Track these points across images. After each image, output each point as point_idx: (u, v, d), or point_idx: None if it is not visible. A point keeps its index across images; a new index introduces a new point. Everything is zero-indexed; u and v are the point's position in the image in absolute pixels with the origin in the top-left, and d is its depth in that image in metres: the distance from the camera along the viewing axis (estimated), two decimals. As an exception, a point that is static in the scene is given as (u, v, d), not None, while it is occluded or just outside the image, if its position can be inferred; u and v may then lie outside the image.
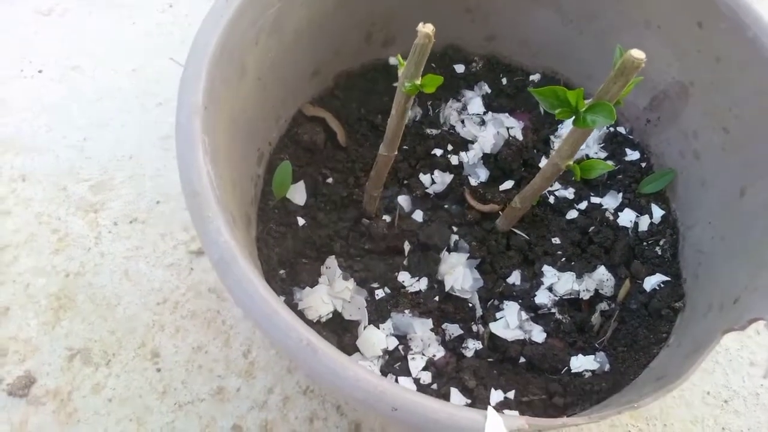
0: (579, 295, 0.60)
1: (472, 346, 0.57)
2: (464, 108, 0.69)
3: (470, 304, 0.59)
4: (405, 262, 0.61)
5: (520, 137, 0.67)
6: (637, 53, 0.41)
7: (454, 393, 0.53)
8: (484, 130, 0.67)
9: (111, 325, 0.71)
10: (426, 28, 0.42)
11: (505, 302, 0.60)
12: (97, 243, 0.76)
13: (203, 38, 0.47)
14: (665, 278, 0.60)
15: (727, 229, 0.56)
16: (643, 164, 0.66)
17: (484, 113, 0.69)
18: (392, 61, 0.70)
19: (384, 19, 0.66)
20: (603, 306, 0.60)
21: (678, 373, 0.47)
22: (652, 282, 0.60)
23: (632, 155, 0.67)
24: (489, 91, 0.70)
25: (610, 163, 0.64)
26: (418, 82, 0.45)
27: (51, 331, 0.70)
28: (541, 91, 0.45)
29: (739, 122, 0.55)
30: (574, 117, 0.45)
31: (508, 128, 0.68)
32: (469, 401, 0.52)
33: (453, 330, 0.58)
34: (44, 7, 0.94)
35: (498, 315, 0.59)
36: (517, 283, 0.60)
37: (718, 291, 0.53)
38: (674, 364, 0.50)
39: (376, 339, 0.55)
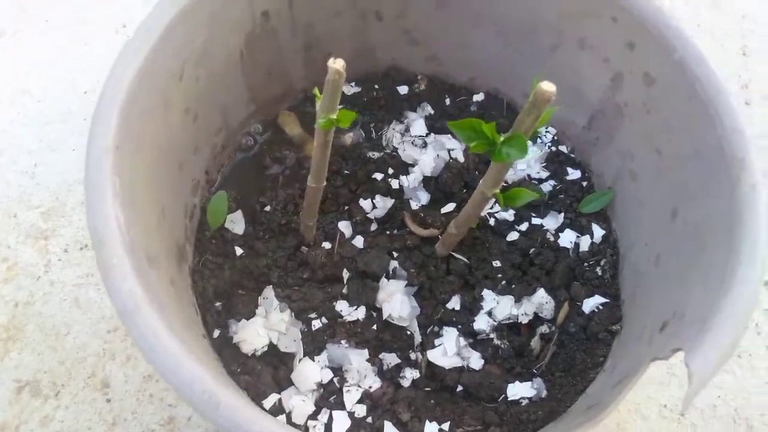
0: (518, 319, 0.59)
1: (409, 376, 0.57)
2: (407, 130, 0.69)
3: (408, 332, 0.59)
4: (344, 290, 0.60)
5: (461, 159, 0.67)
6: (547, 86, 0.40)
7: (388, 427, 0.52)
8: (425, 152, 0.66)
9: (60, 355, 0.71)
10: (336, 64, 0.42)
11: (445, 328, 0.59)
12: (47, 271, 0.75)
13: (118, 71, 0.46)
14: (604, 300, 0.59)
15: (661, 251, 0.56)
16: (585, 183, 0.66)
17: (427, 135, 0.69)
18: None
19: (319, 42, 0.66)
20: (543, 329, 0.60)
21: (606, 401, 0.46)
22: (590, 304, 0.59)
23: (574, 174, 0.67)
24: (432, 112, 0.70)
25: (538, 190, 0.64)
26: (334, 116, 0.45)
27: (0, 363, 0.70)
28: (457, 125, 0.45)
29: (670, 144, 0.55)
30: (490, 150, 0.44)
31: (449, 150, 0.67)
32: (402, 435, 0.52)
33: (390, 359, 0.57)
34: (-5, 29, 0.93)
35: (437, 342, 0.58)
36: (457, 308, 0.60)
37: (651, 315, 0.53)
38: (605, 392, 0.50)
39: (311, 372, 0.55)
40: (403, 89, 0.70)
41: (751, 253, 0.44)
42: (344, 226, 0.63)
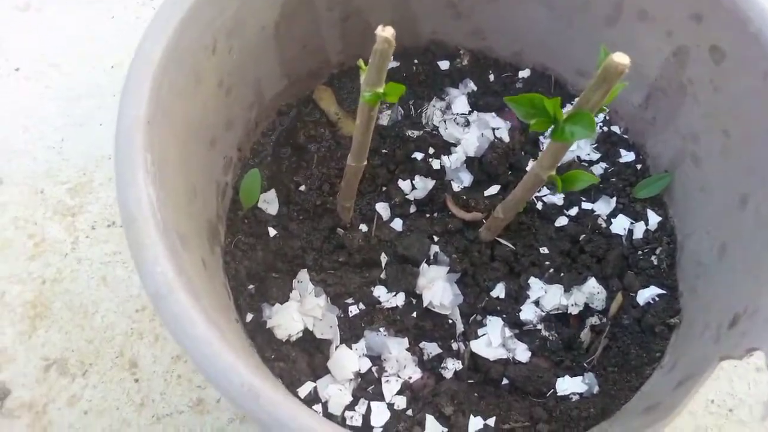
0: (567, 309, 0.56)
1: (451, 367, 0.54)
2: (448, 107, 0.65)
3: (450, 321, 0.56)
4: (382, 276, 0.57)
5: (506, 138, 0.63)
6: (621, 57, 0.36)
7: (430, 421, 0.49)
8: (468, 131, 0.62)
9: (88, 333, 0.69)
10: (385, 32, 0.38)
11: (489, 318, 0.56)
12: (74, 248, 0.74)
13: (147, 46, 0.43)
14: (660, 291, 0.56)
15: (727, 240, 0.51)
16: (639, 166, 0.62)
17: (470, 113, 0.65)
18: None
19: (359, 13, 0.62)
20: (594, 321, 0.56)
21: (670, 404, 0.43)
22: (645, 295, 0.56)
23: (627, 156, 0.63)
24: (475, 88, 0.66)
25: (596, 175, 0.60)
26: (380, 90, 0.41)
27: (27, 341, 0.69)
28: (516, 99, 0.41)
29: (741, 125, 0.51)
30: (552, 128, 0.41)
31: (493, 129, 0.63)
32: (445, 430, 0.49)
33: (431, 349, 0.54)
34: (21, 3, 0.91)
35: (480, 332, 0.55)
36: (502, 296, 0.57)
37: (716, 309, 0.49)
38: (666, 392, 0.47)
39: (348, 360, 0.52)
40: (444, 64, 0.66)
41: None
42: (382, 208, 0.60)
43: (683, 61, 0.55)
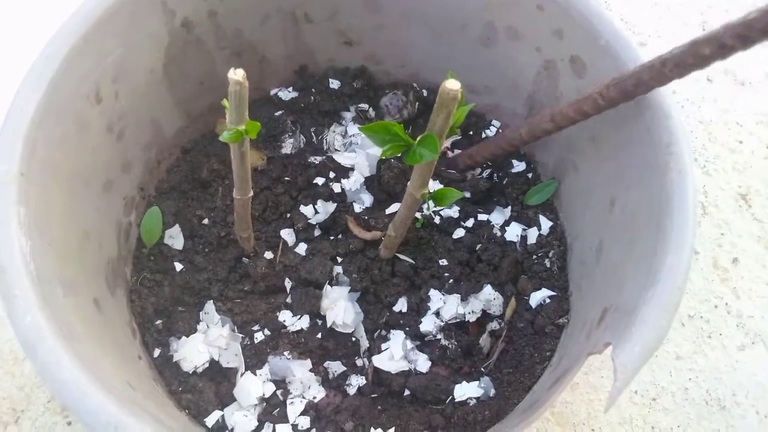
0: (465, 317, 0.58)
1: (355, 383, 0.56)
2: (347, 132, 0.68)
3: (354, 339, 0.58)
4: (287, 300, 0.59)
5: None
6: (452, 84, 0.39)
7: (329, 438, 0.51)
8: (357, 154, 0.65)
9: (19, 380, 0.70)
10: (236, 75, 0.40)
11: (392, 332, 0.58)
12: (2, 296, 0.74)
13: (19, 102, 0.45)
14: (551, 293, 0.58)
15: (603, 241, 0.54)
16: (530, 175, 0.65)
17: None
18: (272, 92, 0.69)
19: (252, 48, 0.64)
20: (494, 326, 0.59)
21: (544, 400, 0.45)
22: (537, 297, 0.58)
23: (519, 167, 0.66)
24: (366, 107, 0.68)
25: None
26: (242, 127, 0.43)
27: (-40, 392, 0.69)
28: (370, 128, 0.43)
29: (604, 132, 0.54)
30: (405, 152, 0.43)
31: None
32: (345, 445, 0.51)
33: (335, 368, 0.56)
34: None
35: (384, 346, 0.57)
36: (404, 310, 0.59)
37: (592, 307, 0.51)
38: (545, 389, 0.49)
39: (253, 387, 0.54)
40: (334, 83, 0.69)
41: (679, 241, 0.43)
42: (287, 234, 0.62)
43: (553, 74, 0.58)
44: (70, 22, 0.48)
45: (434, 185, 0.62)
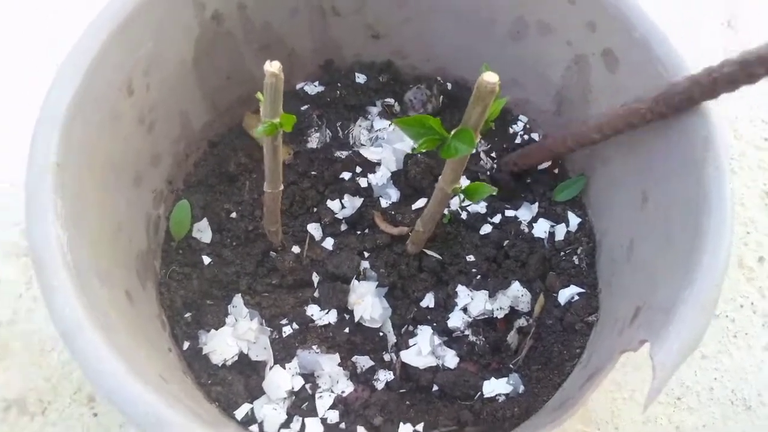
0: (493, 314, 0.58)
1: (383, 378, 0.56)
2: (373, 126, 0.67)
3: (381, 334, 0.58)
4: (315, 295, 0.59)
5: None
6: (489, 77, 0.39)
7: (359, 432, 0.51)
8: (384, 148, 0.65)
9: (46, 372, 0.70)
10: (272, 67, 0.40)
11: (419, 327, 0.58)
12: (29, 288, 0.75)
13: (55, 93, 0.45)
14: (580, 290, 0.58)
15: (634, 237, 0.54)
16: (556, 170, 0.64)
17: (391, 128, 0.67)
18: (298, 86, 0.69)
19: (280, 41, 0.64)
20: (521, 323, 0.58)
21: (577, 398, 0.45)
22: (566, 294, 0.58)
23: (546, 162, 0.65)
24: (392, 103, 0.68)
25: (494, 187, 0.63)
26: (277, 121, 0.43)
27: (-13, 384, 0.69)
28: (404, 121, 0.43)
29: (637, 126, 0.53)
30: (440, 145, 0.43)
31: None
32: (374, 439, 0.51)
33: (363, 362, 0.56)
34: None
35: (411, 342, 0.57)
36: (431, 306, 0.59)
37: (624, 304, 0.51)
38: (577, 387, 0.49)
39: (281, 380, 0.54)
40: (360, 78, 0.68)
41: (716, 240, 0.42)
42: (313, 229, 0.62)
43: (584, 68, 0.58)
44: (104, 13, 0.48)
45: (463, 181, 0.62)
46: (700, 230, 0.43)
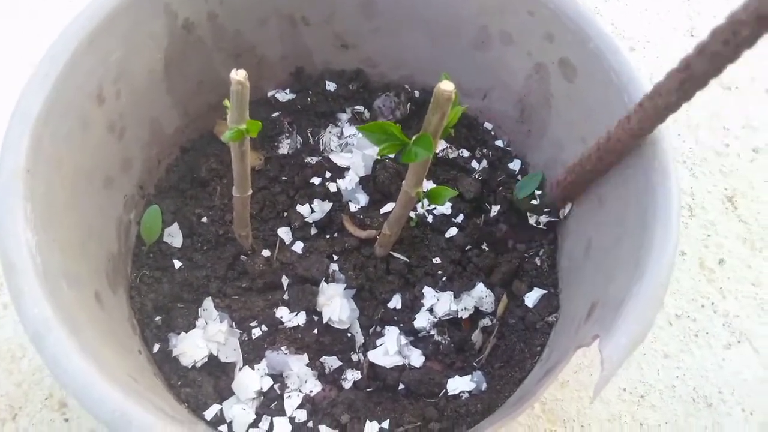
0: (458, 314, 0.60)
1: (350, 377, 0.57)
2: (343, 133, 0.69)
3: (349, 334, 0.59)
4: (285, 297, 0.60)
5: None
6: (446, 85, 0.41)
7: (323, 430, 0.52)
8: (353, 154, 0.66)
9: (17, 377, 0.70)
10: (238, 75, 0.42)
11: (387, 328, 0.60)
12: (-1, 294, 0.75)
13: (25, 102, 0.46)
14: (542, 291, 0.60)
15: (592, 237, 0.56)
16: (519, 177, 0.66)
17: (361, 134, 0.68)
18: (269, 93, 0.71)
19: (251, 49, 0.66)
20: (485, 322, 0.60)
21: (533, 391, 0.47)
22: (528, 295, 0.60)
23: (514, 167, 0.67)
24: (362, 110, 0.70)
25: (455, 189, 0.65)
26: (243, 127, 0.45)
27: (-43, 391, 0.69)
28: (367, 128, 0.45)
29: (593, 132, 0.55)
30: (401, 151, 0.45)
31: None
32: (341, 436, 0.52)
33: (331, 362, 0.58)
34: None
35: (378, 342, 0.59)
36: (398, 307, 0.60)
37: (581, 302, 0.53)
38: (535, 382, 0.50)
39: (250, 381, 0.55)
40: (330, 85, 0.70)
41: (663, 236, 0.44)
42: (284, 233, 0.64)
43: (544, 77, 0.60)
44: (76, 22, 0.49)
45: (428, 184, 0.64)
46: (648, 227, 0.45)
